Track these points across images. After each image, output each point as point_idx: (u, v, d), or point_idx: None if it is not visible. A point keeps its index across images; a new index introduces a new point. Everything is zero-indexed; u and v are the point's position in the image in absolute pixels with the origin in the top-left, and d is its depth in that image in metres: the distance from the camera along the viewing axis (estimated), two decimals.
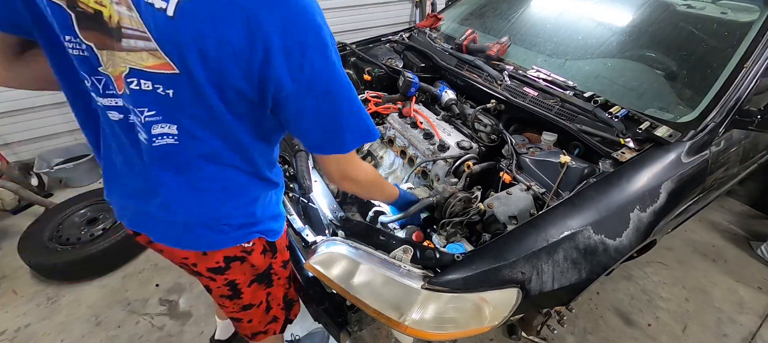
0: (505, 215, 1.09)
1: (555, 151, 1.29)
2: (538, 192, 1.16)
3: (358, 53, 1.91)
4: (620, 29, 1.62)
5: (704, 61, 1.40)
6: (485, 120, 1.50)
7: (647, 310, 1.89)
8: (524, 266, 0.92)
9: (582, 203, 1.03)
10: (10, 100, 2.61)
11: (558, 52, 1.65)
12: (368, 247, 0.95)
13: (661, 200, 1.10)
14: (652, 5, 1.63)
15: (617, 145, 1.20)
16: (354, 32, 3.74)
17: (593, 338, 1.76)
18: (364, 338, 1.64)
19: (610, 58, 1.54)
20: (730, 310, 1.90)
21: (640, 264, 2.11)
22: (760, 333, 1.80)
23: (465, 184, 1.29)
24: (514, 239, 0.95)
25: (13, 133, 2.72)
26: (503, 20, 1.98)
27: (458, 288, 0.88)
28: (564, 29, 1.75)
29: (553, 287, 0.95)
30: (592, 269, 0.99)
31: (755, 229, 2.39)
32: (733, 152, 1.37)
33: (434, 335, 0.93)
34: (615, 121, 1.25)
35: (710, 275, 2.09)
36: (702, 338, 1.78)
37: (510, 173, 1.26)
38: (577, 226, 0.98)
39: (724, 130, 1.25)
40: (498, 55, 1.68)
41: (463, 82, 1.68)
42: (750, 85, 1.25)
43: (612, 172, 1.11)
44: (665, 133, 1.18)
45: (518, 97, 1.46)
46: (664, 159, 1.14)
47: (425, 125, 1.51)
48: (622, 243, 1.02)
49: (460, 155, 1.35)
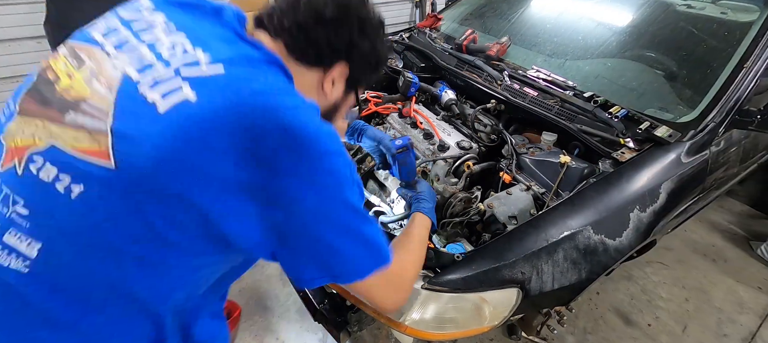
0: (505, 215, 1.09)
1: (555, 151, 1.29)
2: (538, 192, 1.17)
3: None
4: (620, 29, 1.62)
5: (704, 61, 1.40)
6: (485, 120, 1.50)
7: (647, 310, 1.89)
8: (524, 266, 0.92)
9: (582, 203, 1.03)
10: None
11: (558, 52, 1.65)
12: None
13: (660, 200, 1.10)
14: (652, 5, 1.63)
15: (617, 145, 1.20)
16: None
17: (593, 338, 1.76)
18: (364, 338, 1.64)
19: (610, 58, 1.54)
20: (730, 310, 1.90)
21: (640, 264, 2.11)
22: (760, 333, 1.80)
23: (465, 184, 1.29)
24: (514, 239, 0.95)
25: None
26: (503, 20, 1.98)
27: (458, 288, 0.88)
28: (564, 29, 1.75)
29: (553, 287, 0.95)
30: (592, 269, 0.99)
31: (755, 229, 2.39)
32: (733, 152, 1.37)
33: (434, 335, 0.93)
34: (615, 121, 1.25)
35: (710, 275, 2.09)
36: (702, 338, 1.78)
37: (510, 173, 1.26)
38: (577, 226, 0.98)
39: (724, 130, 1.25)
40: (498, 55, 1.68)
41: (463, 82, 1.67)
42: (750, 85, 1.25)
43: (612, 172, 1.11)
44: (665, 133, 1.18)
45: (518, 97, 1.46)
46: (664, 159, 1.14)
47: (425, 125, 1.51)
48: (622, 243, 1.02)
49: (460, 155, 1.35)
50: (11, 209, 0.52)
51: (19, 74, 2.57)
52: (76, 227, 0.50)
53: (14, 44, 2.49)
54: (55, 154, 0.51)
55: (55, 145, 0.51)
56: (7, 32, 2.45)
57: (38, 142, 0.52)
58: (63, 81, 0.55)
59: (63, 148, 0.51)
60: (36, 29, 2.34)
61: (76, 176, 0.50)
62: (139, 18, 0.60)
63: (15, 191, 0.52)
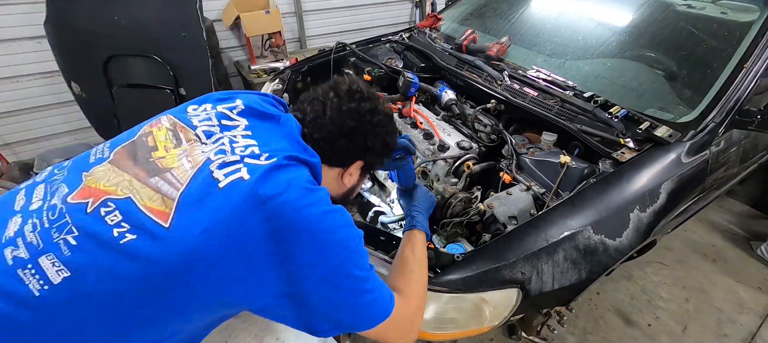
0: (505, 215, 1.09)
1: (555, 151, 1.29)
2: (538, 192, 1.16)
3: (358, 53, 1.91)
4: (620, 29, 1.62)
5: (704, 61, 1.40)
6: (485, 120, 1.50)
7: (647, 310, 1.89)
8: (524, 266, 0.92)
9: (582, 203, 1.03)
10: (11, 101, 2.61)
11: (558, 52, 1.65)
12: (368, 247, 0.95)
13: (661, 200, 1.10)
14: (652, 5, 1.63)
15: (617, 146, 1.20)
16: (354, 32, 3.74)
17: (593, 338, 1.76)
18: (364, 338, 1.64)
19: (610, 58, 1.54)
20: (730, 310, 1.90)
21: (640, 264, 2.11)
22: (760, 333, 1.80)
23: (465, 184, 1.28)
24: (514, 239, 0.95)
25: (13, 133, 2.72)
26: (503, 20, 1.98)
27: (458, 288, 0.88)
28: (564, 29, 1.75)
29: (553, 287, 0.95)
30: (592, 269, 0.99)
31: (755, 229, 2.39)
32: (733, 152, 1.37)
33: (434, 335, 0.93)
34: (615, 121, 1.25)
35: (710, 275, 2.09)
36: (702, 338, 1.78)
37: (510, 173, 1.26)
38: (577, 226, 0.98)
39: (724, 130, 1.25)
40: (498, 55, 1.68)
41: (463, 82, 1.67)
42: (750, 85, 1.25)
43: (612, 172, 1.11)
44: (665, 133, 1.18)
45: (518, 97, 1.46)
46: (664, 159, 1.14)
47: (425, 125, 1.51)
48: (622, 243, 1.02)
49: (460, 155, 1.35)
50: (62, 235, 0.57)
51: (19, 74, 2.57)
52: (109, 269, 0.55)
53: (14, 44, 2.49)
54: (128, 205, 0.59)
55: (131, 198, 0.60)
56: (7, 32, 2.45)
57: (119, 193, 0.60)
58: (160, 152, 0.66)
59: (137, 202, 0.59)
60: (36, 29, 2.34)
61: (135, 227, 0.57)
62: (229, 116, 0.74)
63: (75, 223, 0.58)
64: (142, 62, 2.25)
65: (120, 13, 2.10)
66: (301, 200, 0.62)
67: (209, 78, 2.30)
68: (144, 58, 2.24)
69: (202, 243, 0.56)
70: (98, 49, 2.18)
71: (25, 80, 2.61)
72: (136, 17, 2.12)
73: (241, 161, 0.64)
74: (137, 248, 0.56)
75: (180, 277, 0.56)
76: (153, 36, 2.18)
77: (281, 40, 3.14)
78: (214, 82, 2.36)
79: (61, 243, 0.56)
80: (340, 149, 0.79)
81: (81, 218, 0.58)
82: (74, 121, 2.84)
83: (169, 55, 2.24)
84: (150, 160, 0.65)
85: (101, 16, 2.10)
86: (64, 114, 2.82)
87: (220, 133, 0.70)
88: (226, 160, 0.64)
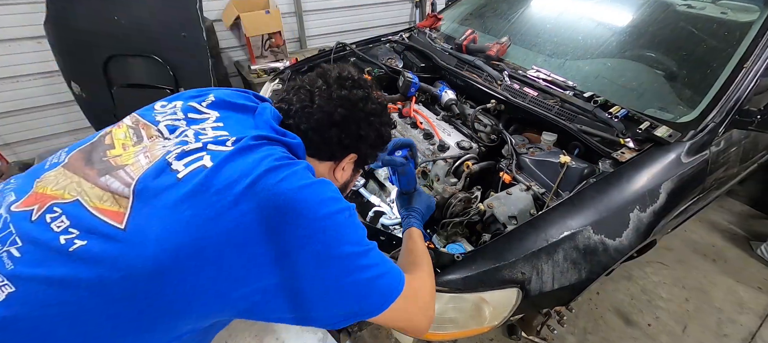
0: (505, 215, 1.09)
1: (555, 151, 1.29)
2: (538, 192, 1.16)
3: (358, 53, 1.91)
4: (620, 29, 1.62)
5: (704, 61, 1.40)
6: (485, 120, 1.50)
7: (647, 310, 1.89)
8: (524, 266, 0.92)
9: (582, 203, 1.03)
10: (11, 101, 2.61)
11: (558, 52, 1.65)
12: None
13: (660, 200, 1.10)
14: (652, 5, 1.63)
15: (617, 145, 1.20)
16: (354, 32, 3.74)
17: (593, 338, 1.76)
18: (364, 338, 1.64)
19: (610, 58, 1.54)
20: (730, 310, 1.90)
21: (640, 264, 2.11)
22: (760, 333, 1.80)
23: (465, 184, 1.29)
24: (514, 239, 0.95)
25: (13, 133, 2.72)
26: (503, 20, 1.98)
27: (458, 288, 0.88)
28: (564, 29, 1.75)
29: (553, 287, 0.95)
30: (592, 269, 0.99)
31: (755, 229, 2.39)
32: (733, 152, 1.37)
33: (434, 336, 0.93)
34: (615, 121, 1.25)
35: (710, 275, 2.09)
36: (702, 338, 1.78)
37: (510, 173, 1.26)
38: (576, 226, 0.98)
39: (724, 130, 1.25)
40: (498, 55, 1.68)
41: (463, 82, 1.67)
42: (750, 85, 1.25)
43: (612, 172, 1.11)
44: (665, 133, 1.18)
45: (518, 97, 1.46)
46: (664, 159, 1.14)
47: (425, 125, 1.51)
48: (622, 243, 1.02)
49: (459, 155, 1.35)
50: (6, 247, 0.52)
51: (19, 74, 2.57)
52: (60, 279, 0.49)
53: (14, 44, 2.49)
54: (75, 209, 0.54)
55: (79, 200, 0.55)
56: (7, 32, 2.45)
57: (66, 196, 0.56)
58: (116, 150, 0.61)
59: (86, 204, 0.54)
60: (36, 29, 2.34)
61: (85, 232, 0.52)
62: (198, 109, 0.69)
63: (19, 233, 0.53)
64: (142, 62, 2.26)
65: (120, 13, 2.10)
66: (273, 177, 0.57)
67: (209, 78, 2.30)
68: (144, 58, 2.24)
69: (166, 244, 0.51)
70: (98, 49, 2.18)
71: (25, 80, 2.61)
72: (136, 17, 2.12)
73: (203, 149, 0.59)
74: (89, 253, 0.51)
75: (145, 283, 0.50)
76: (153, 36, 2.18)
77: (281, 40, 3.14)
78: (214, 82, 2.36)
79: (3, 256, 0.51)
80: (331, 140, 0.73)
81: (25, 227, 0.54)
82: (74, 121, 2.85)
83: (169, 55, 2.24)
84: (104, 159, 0.60)
85: (101, 16, 2.11)
86: (64, 114, 2.82)
87: (186, 127, 0.65)
88: (185, 150, 0.59)
